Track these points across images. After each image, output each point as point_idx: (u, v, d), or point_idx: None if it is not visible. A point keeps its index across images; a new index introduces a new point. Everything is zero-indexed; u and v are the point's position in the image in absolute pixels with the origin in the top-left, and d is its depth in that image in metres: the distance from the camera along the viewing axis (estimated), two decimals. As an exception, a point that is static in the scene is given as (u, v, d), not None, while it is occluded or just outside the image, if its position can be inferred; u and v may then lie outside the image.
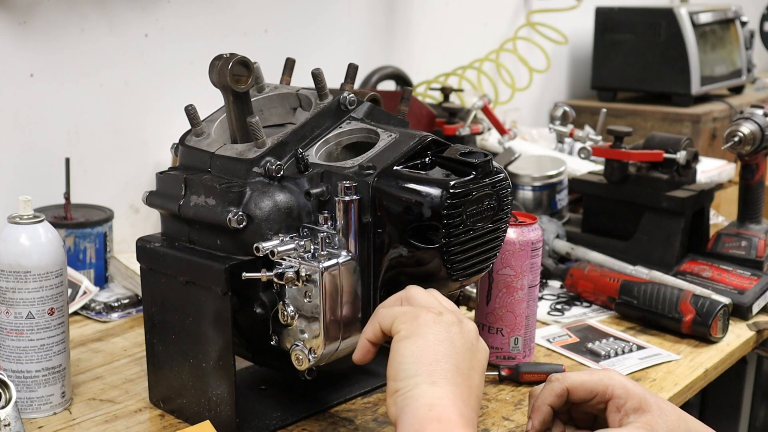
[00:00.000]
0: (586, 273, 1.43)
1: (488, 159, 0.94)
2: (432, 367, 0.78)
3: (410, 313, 0.83)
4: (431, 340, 0.80)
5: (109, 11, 1.53)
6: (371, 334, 0.85)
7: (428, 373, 0.78)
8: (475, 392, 0.80)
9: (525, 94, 2.49)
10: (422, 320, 0.82)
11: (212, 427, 0.95)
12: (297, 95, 1.07)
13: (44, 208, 1.42)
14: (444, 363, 0.79)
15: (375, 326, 0.85)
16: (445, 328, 0.82)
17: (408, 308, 0.84)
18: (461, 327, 0.83)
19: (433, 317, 0.82)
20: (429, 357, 0.79)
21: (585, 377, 0.89)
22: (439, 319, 0.82)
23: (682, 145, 1.53)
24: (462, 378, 0.79)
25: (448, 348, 0.80)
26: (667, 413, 0.85)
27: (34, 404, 1.04)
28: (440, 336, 0.81)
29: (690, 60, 2.47)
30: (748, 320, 1.38)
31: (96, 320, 1.35)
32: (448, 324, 0.82)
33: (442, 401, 0.76)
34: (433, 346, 0.80)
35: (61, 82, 1.48)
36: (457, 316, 0.84)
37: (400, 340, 0.81)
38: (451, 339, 0.81)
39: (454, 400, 0.77)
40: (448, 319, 0.83)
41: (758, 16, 3.43)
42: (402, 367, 0.79)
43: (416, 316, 0.82)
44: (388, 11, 2.14)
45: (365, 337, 0.86)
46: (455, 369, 0.79)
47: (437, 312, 0.83)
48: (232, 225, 0.92)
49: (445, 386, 0.77)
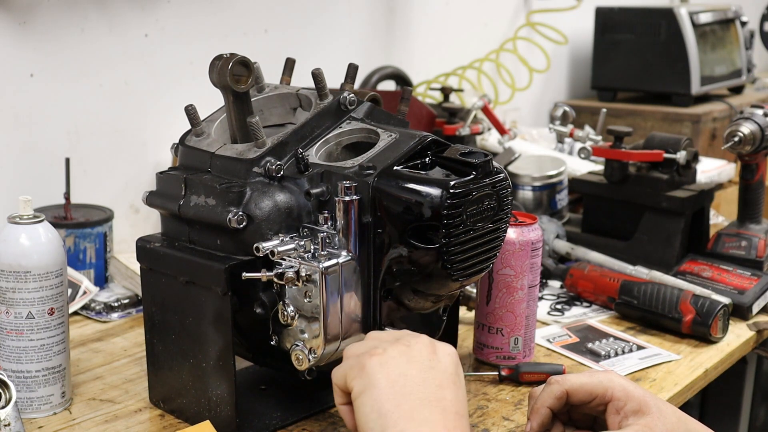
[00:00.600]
0: (586, 273, 1.43)
1: (488, 159, 0.94)
2: (396, 414, 0.75)
3: (356, 365, 0.79)
4: (384, 385, 0.77)
5: (109, 11, 1.53)
6: (338, 398, 0.82)
7: (394, 423, 0.75)
8: (451, 408, 0.77)
9: (525, 94, 2.49)
10: (368, 368, 0.78)
11: (212, 427, 0.95)
12: (297, 95, 1.07)
13: (44, 208, 1.42)
14: (405, 403, 0.76)
15: (336, 390, 0.82)
16: (393, 364, 0.78)
17: (354, 360, 0.80)
18: (410, 354, 0.80)
19: (378, 360, 0.79)
20: (389, 405, 0.76)
21: (584, 379, 0.89)
22: (384, 359, 0.79)
23: (682, 145, 1.53)
24: (431, 408, 0.76)
25: (402, 385, 0.77)
26: (666, 415, 0.85)
27: (34, 404, 1.04)
28: (392, 376, 0.78)
29: (690, 60, 2.47)
30: (748, 320, 1.38)
31: (96, 320, 1.35)
32: (395, 357, 0.79)
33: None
34: (388, 392, 0.77)
35: (61, 82, 1.48)
36: (402, 342, 0.81)
37: (356, 397, 0.78)
38: (404, 374, 0.78)
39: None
40: (393, 352, 0.79)
41: (758, 16, 3.43)
42: (368, 426, 0.76)
43: (362, 367, 0.79)
44: (388, 11, 2.14)
45: (338, 404, 0.83)
46: (420, 403, 0.76)
47: (381, 351, 0.80)
48: (232, 225, 0.92)
49: (413, 428, 0.74)
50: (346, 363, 0.81)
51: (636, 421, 0.85)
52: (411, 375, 0.78)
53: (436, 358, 0.80)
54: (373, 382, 0.77)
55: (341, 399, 0.82)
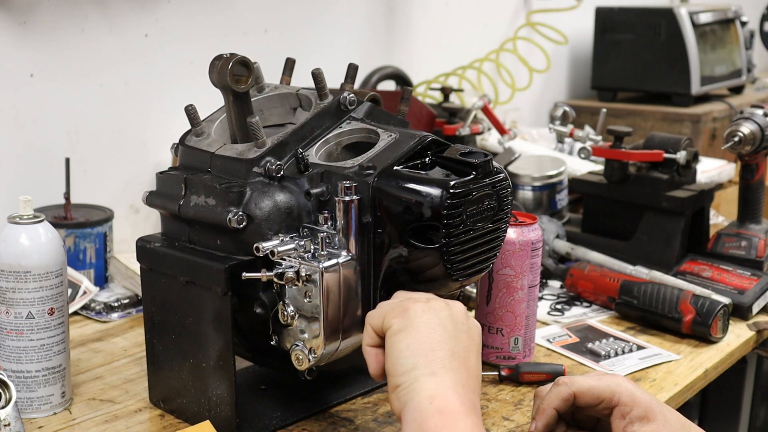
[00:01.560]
0: (586, 273, 1.43)
1: (488, 159, 0.94)
2: (429, 357, 0.79)
3: (398, 307, 0.83)
4: (423, 329, 0.81)
5: (109, 11, 1.53)
6: (368, 339, 0.85)
7: (426, 364, 0.78)
8: (474, 373, 0.81)
9: (525, 94, 2.49)
10: (412, 311, 0.82)
11: (212, 427, 0.95)
12: (297, 95, 1.07)
13: (44, 208, 1.42)
14: (439, 351, 0.79)
15: (368, 330, 0.85)
16: (435, 314, 0.82)
17: (395, 302, 0.85)
18: (450, 310, 0.84)
19: (422, 306, 0.83)
20: (424, 347, 0.79)
21: (593, 383, 0.88)
22: (427, 307, 0.83)
23: (682, 145, 1.53)
24: (459, 362, 0.80)
25: (441, 334, 0.81)
26: (671, 423, 0.85)
27: (34, 404, 1.04)
28: (432, 323, 0.81)
29: (690, 60, 2.47)
30: (748, 320, 1.38)
31: (96, 320, 1.35)
32: (438, 310, 0.83)
33: (443, 391, 0.77)
34: (426, 336, 0.80)
35: (61, 82, 1.48)
36: (444, 301, 0.85)
37: (393, 334, 0.81)
38: (443, 325, 0.81)
39: (455, 387, 0.78)
40: (436, 305, 0.83)
41: (758, 16, 3.43)
42: (399, 361, 0.80)
43: (405, 309, 0.83)
44: (388, 11, 2.14)
45: (366, 345, 0.85)
46: (452, 354, 0.80)
47: (425, 300, 0.84)
48: (232, 225, 0.92)
49: (444, 375, 0.78)
50: (386, 305, 0.85)
51: (640, 428, 0.85)
52: (448, 328, 0.81)
53: (468, 324, 0.84)
54: (414, 323, 0.81)
55: (371, 341, 0.85)
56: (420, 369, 0.78)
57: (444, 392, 0.77)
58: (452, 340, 0.81)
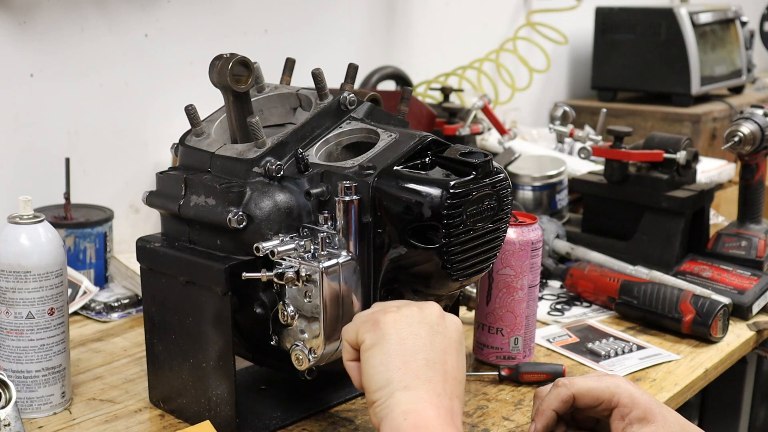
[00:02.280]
0: (586, 273, 1.43)
1: (488, 159, 0.94)
2: (402, 371, 0.78)
3: (370, 320, 0.82)
4: (395, 341, 0.80)
5: (109, 11, 1.53)
6: (347, 354, 0.85)
7: (399, 378, 0.78)
8: (452, 375, 0.80)
9: (525, 94, 2.49)
10: (383, 324, 0.81)
11: (212, 427, 0.95)
12: (297, 95, 1.07)
13: (44, 208, 1.42)
14: (413, 362, 0.79)
15: (345, 345, 0.85)
16: (407, 323, 0.81)
17: (368, 314, 0.84)
18: (423, 314, 0.83)
19: (393, 317, 0.82)
20: (397, 361, 0.79)
21: (592, 384, 0.88)
22: (398, 317, 0.82)
23: (682, 145, 1.53)
24: (435, 369, 0.79)
25: (413, 344, 0.80)
26: (670, 424, 0.85)
27: (34, 404, 1.04)
28: (403, 333, 0.80)
29: (690, 60, 2.47)
30: (748, 320, 1.38)
31: (96, 320, 1.35)
32: (409, 317, 0.82)
33: (417, 405, 0.77)
34: (399, 348, 0.80)
35: (61, 82, 1.48)
36: (416, 305, 0.84)
37: (366, 350, 0.81)
38: (415, 333, 0.81)
39: (430, 397, 0.77)
40: (408, 312, 0.82)
41: (758, 16, 3.43)
42: (374, 378, 0.79)
43: (376, 322, 0.82)
44: (388, 11, 2.14)
45: (345, 360, 0.85)
46: (426, 363, 0.79)
47: (395, 309, 0.83)
48: (232, 225, 0.92)
49: (418, 387, 0.78)
50: (358, 319, 0.84)
51: (639, 429, 0.85)
52: (420, 335, 0.81)
53: (443, 324, 0.83)
54: (385, 336, 0.80)
55: (349, 356, 0.84)
56: (394, 384, 0.78)
57: (418, 406, 0.76)
58: (426, 347, 0.80)
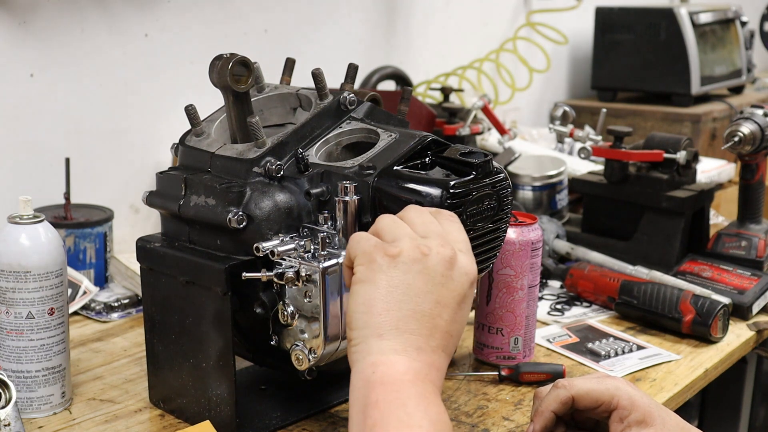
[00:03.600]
0: (586, 273, 1.43)
1: (488, 159, 0.94)
2: (381, 318, 0.75)
3: (367, 254, 0.78)
4: (383, 287, 0.76)
5: (109, 11, 1.53)
6: (346, 260, 0.82)
7: (376, 325, 0.75)
8: (443, 328, 0.76)
9: (525, 94, 2.49)
10: (376, 264, 0.77)
11: (212, 427, 0.95)
12: (297, 95, 1.07)
13: (44, 208, 1.42)
14: (395, 311, 0.75)
15: (347, 255, 0.81)
16: (402, 270, 0.77)
17: (368, 246, 0.79)
18: (425, 264, 0.77)
19: (388, 261, 0.77)
20: (379, 307, 0.75)
21: (592, 386, 0.88)
22: (394, 262, 0.77)
23: (682, 145, 1.53)
24: (421, 321, 0.75)
25: (402, 293, 0.76)
26: (669, 427, 0.85)
27: (34, 404, 1.04)
28: (394, 281, 0.76)
29: (690, 60, 2.47)
30: (748, 320, 1.38)
31: (96, 320, 1.35)
32: (407, 264, 0.77)
33: (389, 356, 0.74)
34: (385, 295, 0.76)
35: (61, 82, 1.48)
36: (422, 248, 0.78)
37: (356, 283, 0.78)
38: (407, 282, 0.76)
39: (405, 348, 0.74)
40: (407, 258, 0.77)
41: (758, 16, 3.43)
42: (354, 315, 0.77)
43: (372, 260, 0.77)
44: (388, 11, 2.14)
45: (345, 264, 0.82)
46: (412, 314, 0.75)
47: (395, 252, 0.77)
48: (232, 225, 0.92)
49: (394, 337, 0.74)
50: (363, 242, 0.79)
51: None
52: (415, 285, 0.76)
53: (449, 276, 0.78)
54: (375, 278, 0.77)
55: (347, 262, 0.81)
56: (370, 329, 0.75)
57: (388, 359, 0.73)
58: (418, 297, 0.76)
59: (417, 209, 0.83)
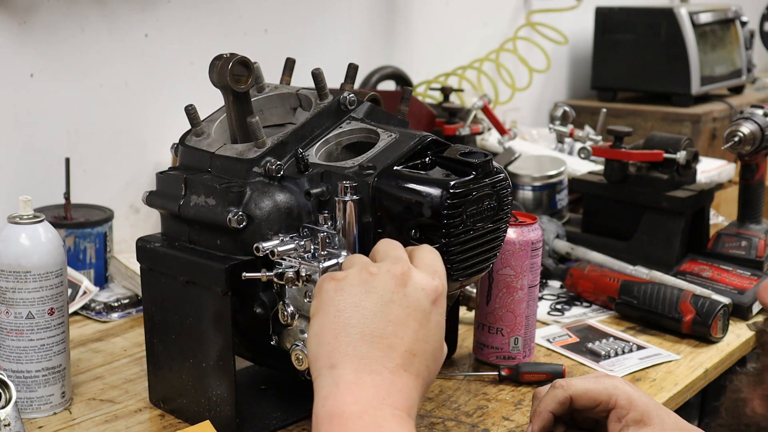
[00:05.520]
0: (586, 273, 1.43)
1: (488, 159, 0.94)
2: (330, 346, 0.72)
3: (318, 286, 0.77)
4: (331, 312, 0.74)
5: (109, 11, 1.53)
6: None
7: (327, 354, 0.72)
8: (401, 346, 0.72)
9: (525, 94, 2.49)
10: (323, 294, 0.76)
11: (212, 427, 0.95)
12: (297, 95, 1.07)
13: (44, 208, 1.42)
14: (344, 336, 0.72)
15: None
16: (348, 293, 0.74)
17: (321, 278, 0.78)
18: (372, 284, 0.75)
19: (334, 286, 0.75)
20: (328, 335, 0.73)
21: (589, 385, 0.87)
22: (341, 286, 0.75)
23: (682, 145, 1.53)
24: (372, 343, 0.72)
25: (348, 316, 0.73)
26: (668, 426, 0.85)
27: (34, 404, 1.04)
28: (341, 305, 0.74)
29: (690, 60, 2.47)
30: (748, 320, 1.38)
31: (96, 320, 1.35)
32: (353, 285, 0.75)
33: (337, 388, 0.71)
34: (332, 320, 0.73)
35: (61, 82, 1.48)
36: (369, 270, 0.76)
37: (311, 317, 0.77)
38: (354, 304, 0.74)
39: (357, 375, 0.71)
40: (353, 280, 0.75)
41: (758, 16, 3.43)
42: (310, 348, 0.75)
43: (320, 290, 0.76)
44: (388, 11, 2.14)
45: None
46: (360, 336, 0.72)
47: (341, 277, 0.76)
48: (232, 225, 0.92)
49: (344, 365, 0.71)
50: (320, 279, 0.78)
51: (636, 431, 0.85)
52: (363, 306, 0.74)
53: (401, 292, 0.75)
54: (323, 307, 0.75)
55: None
56: (322, 360, 0.73)
57: (337, 390, 0.70)
58: (367, 319, 0.73)
59: (387, 241, 0.82)
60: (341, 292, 0.75)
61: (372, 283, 0.75)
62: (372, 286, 0.75)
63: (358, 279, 0.76)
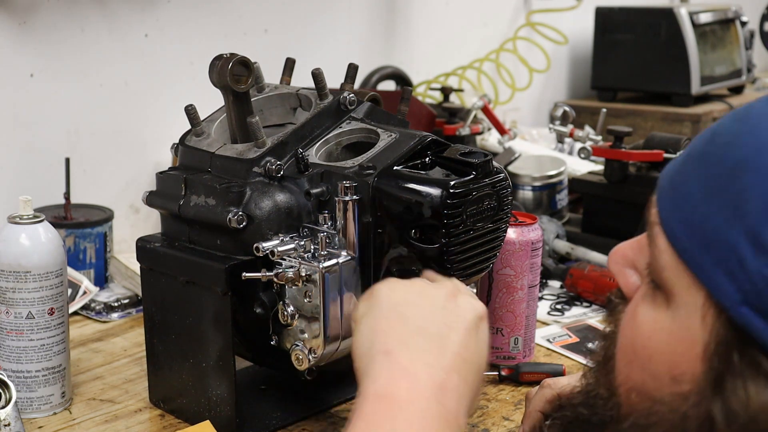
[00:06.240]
0: (586, 273, 1.43)
1: (488, 159, 0.94)
2: (387, 334, 0.71)
3: (368, 292, 0.78)
4: (386, 306, 0.74)
5: (109, 11, 1.53)
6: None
7: (383, 341, 0.70)
8: (454, 350, 0.71)
9: (525, 94, 2.49)
10: (377, 293, 0.76)
11: (212, 427, 0.95)
12: (297, 95, 1.07)
13: (44, 208, 1.42)
14: (401, 326, 0.72)
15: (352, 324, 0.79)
16: (404, 291, 0.75)
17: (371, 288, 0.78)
18: (425, 290, 0.76)
19: (389, 285, 0.76)
20: (384, 324, 0.72)
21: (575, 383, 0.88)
22: (395, 286, 0.76)
23: (682, 145, 1.53)
24: (430, 339, 0.71)
25: (405, 310, 0.73)
26: None
27: (34, 404, 1.04)
28: (395, 299, 0.74)
29: (690, 60, 2.47)
30: (748, 320, 1.38)
31: (96, 320, 1.35)
32: (408, 287, 0.76)
33: (391, 373, 0.68)
34: (388, 312, 0.73)
35: (61, 82, 1.48)
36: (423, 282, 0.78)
37: (358, 321, 0.76)
38: (409, 301, 0.74)
39: (413, 364, 0.68)
40: (407, 284, 0.76)
41: (758, 16, 3.43)
42: (359, 344, 0.73)
43: (371, 292, 0.77)
44: (388, 11, 2.14)
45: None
46: (417, 330, 0.71)
47: (394, 281, 0.77)
48: (232, 225, 0.92)
49: (400, 352, 0.69)
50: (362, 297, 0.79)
51: None
52: (418, 305, 0.74)
53: (453, 302, 0.75)
54: (377, 303, 0.75)
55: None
56: (376, 346, 0.70)
57: (391, 375, 0.68)
58: (424, 317, 0.73)
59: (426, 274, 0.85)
60: (395, 291, 0.76)
61: (425, 291, 0.76)
62: (426, 293, 0.76)
63: (411, 285, 0.77)
